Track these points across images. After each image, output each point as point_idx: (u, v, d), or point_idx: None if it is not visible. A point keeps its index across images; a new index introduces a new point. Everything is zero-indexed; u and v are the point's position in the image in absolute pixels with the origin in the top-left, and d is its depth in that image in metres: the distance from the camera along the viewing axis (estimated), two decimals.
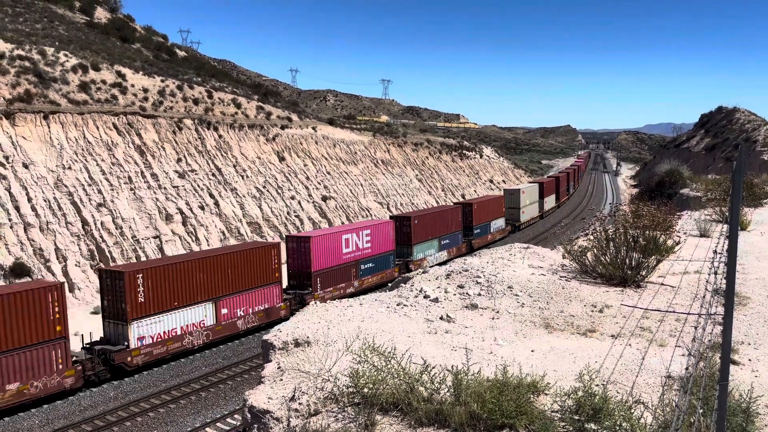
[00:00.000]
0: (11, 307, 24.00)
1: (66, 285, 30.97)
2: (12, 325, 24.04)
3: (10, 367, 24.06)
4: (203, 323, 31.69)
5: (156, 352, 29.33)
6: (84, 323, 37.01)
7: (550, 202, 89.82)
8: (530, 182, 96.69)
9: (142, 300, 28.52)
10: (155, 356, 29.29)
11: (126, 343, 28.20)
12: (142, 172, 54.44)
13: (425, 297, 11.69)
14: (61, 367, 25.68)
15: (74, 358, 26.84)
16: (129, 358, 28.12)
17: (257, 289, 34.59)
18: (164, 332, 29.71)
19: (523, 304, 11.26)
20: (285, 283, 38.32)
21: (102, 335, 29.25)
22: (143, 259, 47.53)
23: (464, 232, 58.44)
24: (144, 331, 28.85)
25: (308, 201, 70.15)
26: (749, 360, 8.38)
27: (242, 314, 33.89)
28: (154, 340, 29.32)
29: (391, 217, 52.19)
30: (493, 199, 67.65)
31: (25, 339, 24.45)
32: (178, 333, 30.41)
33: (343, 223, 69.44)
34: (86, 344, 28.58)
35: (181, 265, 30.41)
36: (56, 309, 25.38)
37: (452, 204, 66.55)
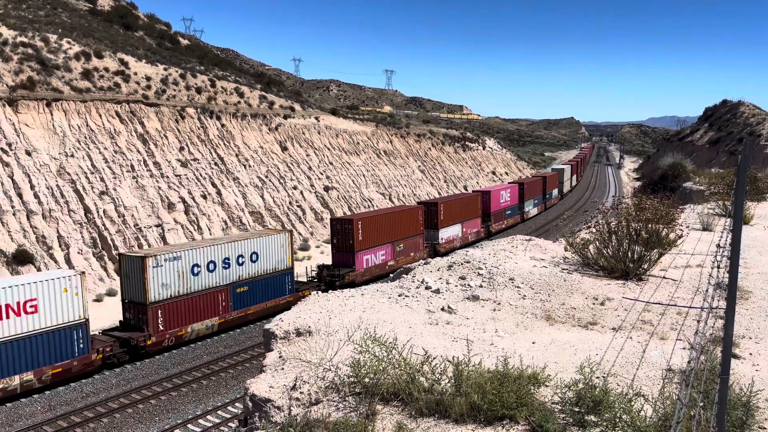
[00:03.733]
0: (409, 215, 49.08)
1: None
2: (408, 225, 48.56)
3: (407, 245, 48.50)
4: (457, 235, 57.38)
5: (448, 247, 53.79)
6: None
7: (574, 179, 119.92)
8: (563, 164, 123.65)
9: (442, 218, 54.41)
10: (447, 249, 53.09)
11: (437, 240, 53.63)
12: (144, 161, 54.44)
13: (427, 288, 11.71)
14: (422, 248, 50.47)
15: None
16: (440, 248, 52.75)
17: (473, 219, 60.43)
18: (447, 237, 55.58)
19: (524, 296, 11.27)
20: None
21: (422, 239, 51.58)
22: (145, 247, 47.65)
23: (543, 196, 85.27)
24: (442, 235, 54.53)
25: (310, 191, 70.15)
26: (750, 354, 8.39)
27: (469, 233, 59.67)
28: (446, 241, 54.89)
29: (511, 183, 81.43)
30: (554, 174, 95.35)
31: (411, 232, 49.03)
32: (451, 239, 56.10)
33: (344, 213, 69.68)
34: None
35: (452, 203, 57.07)
36: (421, 218, 50.55)
37: (532, 176, 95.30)
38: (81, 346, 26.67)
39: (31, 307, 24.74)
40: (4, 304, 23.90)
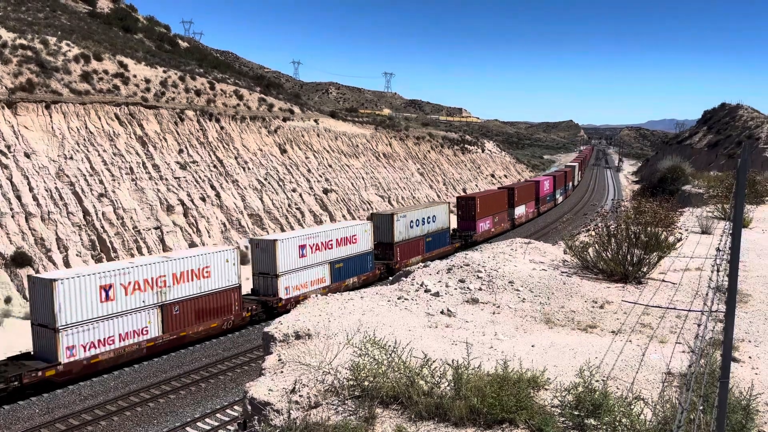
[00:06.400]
0: (500, 196, 66.00)
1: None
2: (500, 203, 65.08)
3: (499, 218, 64.08)
4: (523, 213, 73.06)
5: (519, 221, 70.97)
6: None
7: (579, 175, 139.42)
8: (571, 162, 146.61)
9: (516, 199, 69.50)
10: (519, 222, 71.35)
11: (514, 216, 69.46)
12: (143, 163, 54.42)
13: (426, 291, 11.70)
14: (507, 221, 66.58)
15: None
16: (516, 221, 69.79)
17: (530, 202, 76.60)
18: (518, 214, 70.89)
19: (523, 299, 11.27)
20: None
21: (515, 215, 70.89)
22: (144, 251, 47.60)
23: (564, 187, 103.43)
24: (516, 212, 69.84)
25: (309, 193, 70.14)
26: (749, 357, 8.40)
27: (529, 212, 75.63)
28: (518, 216, 70.85)
29: (546, 175, 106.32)
30: (570, 170, 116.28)
31: (501, 209, 64.54)
32: (520, 215, 71.97)
33: (344, 216, 69.78)
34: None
35: (521, 188, 73.10)
36: (505, 199, 66.45)
37: (553, 173, 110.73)
38: (371, 265, 43.36)
39: (354, 239, 41.45)
40: (343, 237, 40.48)
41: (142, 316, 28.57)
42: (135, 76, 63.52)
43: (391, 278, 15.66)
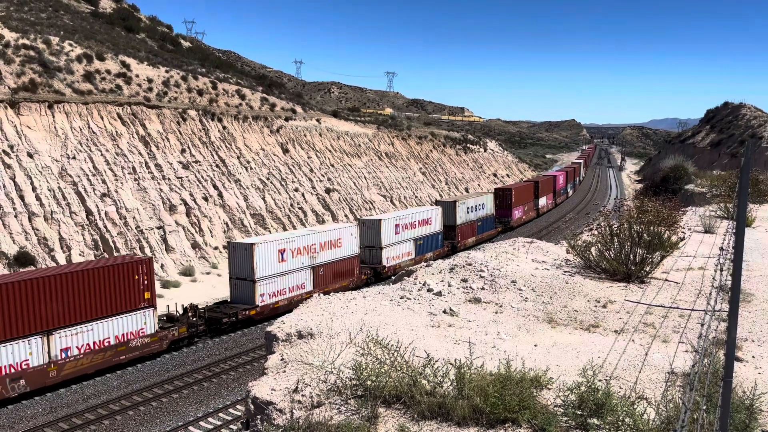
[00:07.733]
0: (529, 188, 76.64)
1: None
2: (528, 195, 74.55)
3: (528, 207, 73.57)
4: (545, 204, 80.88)
5: (542, 211, 79.94)
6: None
7: (583, 172, 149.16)
8: (576, 160, 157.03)
9: (540, 192, 77.01)
10: (543, 212, 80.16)
11: (538, 206, 77.62)
12: (146, 163, 54.47)
13: (429, 290, 11.70)
14: (533, 210, 75.84)
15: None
16: (540, 211, 78.20)
17: (549, 194, 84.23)
18: (542, 205, 77.19)
19: (526, 298, 11.26)
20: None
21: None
22: (147, 250, 47.62)
23: (573, 182, 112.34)
24: (539, 203, 75.95)
25: (312, 193, 70.15)
26: (753, 357, 8.38)
27: (548, 203, 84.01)
28: (542, 206, 79.16)
29: (559, 170, 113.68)
30: (577, 167, 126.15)
31: (529, 199, 75.25)
32: (543, 205, 79.32)
33: (346, 216, 69.85)
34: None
35: (543, 181, 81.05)
36: (532, 191, 76.85)
37: (564, 169, 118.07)
38: (441, 243, 51.63)
39: (429, 221, 50.00)
40: (423, 219, 49.19)
41: (301, 274, 37.30)
42: (137, 75, 63.57)
43: (393, 277, 15.66)
